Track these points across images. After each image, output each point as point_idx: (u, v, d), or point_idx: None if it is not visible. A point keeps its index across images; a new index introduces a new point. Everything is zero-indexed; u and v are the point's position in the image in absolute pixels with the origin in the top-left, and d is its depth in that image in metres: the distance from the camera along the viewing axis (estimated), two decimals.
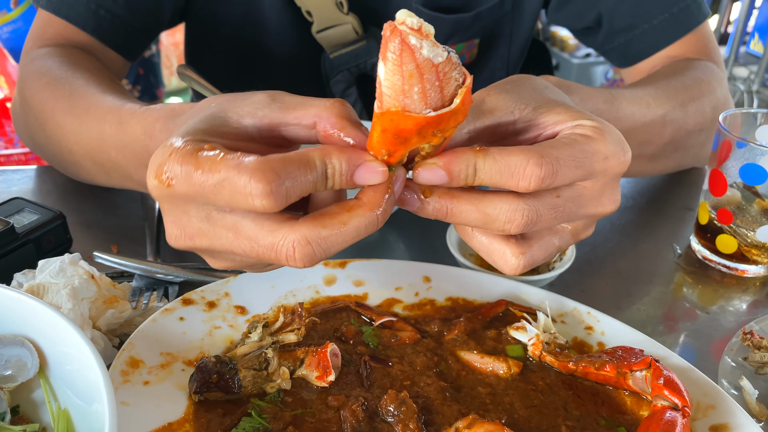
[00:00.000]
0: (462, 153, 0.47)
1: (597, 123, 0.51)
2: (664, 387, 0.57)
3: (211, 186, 0.44)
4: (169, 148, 0.47)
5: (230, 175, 0.44)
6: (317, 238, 0.46)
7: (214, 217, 0.47)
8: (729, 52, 4.67)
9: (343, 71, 1.11)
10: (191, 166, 0.45)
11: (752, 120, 0.85)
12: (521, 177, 0.47)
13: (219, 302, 0.68)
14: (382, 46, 0.41)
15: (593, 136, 0.50)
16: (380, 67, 0.42)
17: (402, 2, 1.10)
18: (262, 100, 0.51)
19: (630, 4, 1.06)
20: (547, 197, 0.49)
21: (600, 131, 0.50)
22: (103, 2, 0.95)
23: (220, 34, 1.16)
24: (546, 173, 0.47)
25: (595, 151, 0.50)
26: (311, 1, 1.05)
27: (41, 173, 1.01)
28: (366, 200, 0.47)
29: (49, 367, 0.55)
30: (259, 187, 0.43)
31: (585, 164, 0.49)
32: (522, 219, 0.49)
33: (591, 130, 0.50)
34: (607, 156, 0.50)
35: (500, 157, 0.47)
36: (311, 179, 0.45)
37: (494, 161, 0.47)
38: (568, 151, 0.48)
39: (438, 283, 0.74)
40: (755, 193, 0.81)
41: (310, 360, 0.60)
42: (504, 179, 0.47)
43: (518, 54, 1.25)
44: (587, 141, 0.50)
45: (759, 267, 0.84)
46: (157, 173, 0.47)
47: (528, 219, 0.49)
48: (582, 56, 4.18)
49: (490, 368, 0.64)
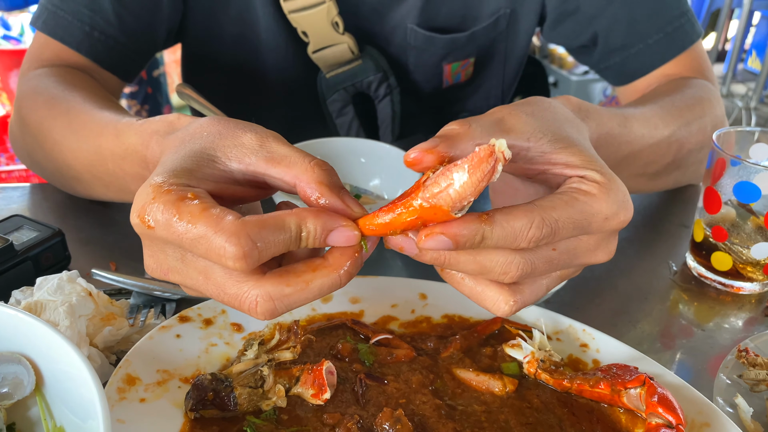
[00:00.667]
0: (470, 223, 0.47)
1: (604, 178, 0.52)
2: (659, 405, 0.57)
3: (189, 239, 0.46)
4: (153, 189, 0.48)
5: (208, 233, 0.46)
6: (280, 296, 0.48)
7: (189, 259, 0.49)
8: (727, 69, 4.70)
9: (340, 90, 1.12)
10: (172, 215, 0.47)
11: (746, 138, 0.86)
12: (522, 239, 0.48)
13: (215, 319, 0.68)
14: (472, 159, 0.44)
15: (597, 195, 0.51)
16: (460, 174, 0.44)
17: (396, 23, 1.12)
18: (251, 146, 0.53)
19: (625, 23, 1.07)
20: (544, 250, 0.51)
21: (605, 190, 0.51)
22: (96, 24, 0.97)
23: (216, 53, 1.17)
24: (545, 234, 0.49)
25: (595, 212, 0.51)
26: (307, 22, 1.06)
27: (40, 190, 1.02)
28: (331, 261, 0.50)
29: (45, 384, 0.55)
30: (233, 250, 0.45)
31: (584, 225, 0.50)
32: (517, 271, 0.50)
33: (596, 188, 0.51)
34: (607, 216, 0.51)
35: (506, 223, 0.48)
36: (284, 241, 0.47)
37: (501, 229, 0.48)
38: (568, 213, 0.50)
39: (434, 300, 0.74)
40: (749, 210, 0.81)
41: (306, 378, 0.61)
42: (507, 243, 0.49)
43: (514, 72, 1.26)
44: (589, 200, 0.51)
45: (754, 284, 0.84)
46: (139, 214, 0.49)
47: (523, 271, 0.50)
48: (581, 73, 4.21)
49: (485, 386, 0.64)
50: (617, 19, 1.08)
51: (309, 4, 1.04)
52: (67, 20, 0.97)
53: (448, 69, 1.18)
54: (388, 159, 0.97)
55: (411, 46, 1.14)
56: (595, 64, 1.16)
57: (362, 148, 0.99)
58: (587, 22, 1.10)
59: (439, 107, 1.28)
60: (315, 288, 0.49)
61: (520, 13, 1.15)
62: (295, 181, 0.51)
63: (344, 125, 1.17)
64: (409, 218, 0.47)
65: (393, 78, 1.13)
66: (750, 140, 0.86)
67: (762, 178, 0.77)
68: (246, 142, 0.53)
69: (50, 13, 0.98)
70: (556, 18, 1.14)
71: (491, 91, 1.27)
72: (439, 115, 1.29)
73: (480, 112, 1.38)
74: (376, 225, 0.49)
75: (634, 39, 1.08)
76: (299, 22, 1.06)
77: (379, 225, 0.49)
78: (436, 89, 1.22)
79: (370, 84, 1.12)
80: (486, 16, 1.14)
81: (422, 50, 1.14)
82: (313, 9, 1.04)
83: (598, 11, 1.08)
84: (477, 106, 1.29)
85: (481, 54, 1.19)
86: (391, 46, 1.15)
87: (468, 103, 1.29)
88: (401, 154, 0.94)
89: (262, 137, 0.53)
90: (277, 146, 0.53)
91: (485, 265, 0.50)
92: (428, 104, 1.26)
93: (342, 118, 1.16)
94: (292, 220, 0.48)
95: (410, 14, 1.10)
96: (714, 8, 4.69)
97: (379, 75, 1.11)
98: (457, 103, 1.29)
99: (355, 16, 1.09)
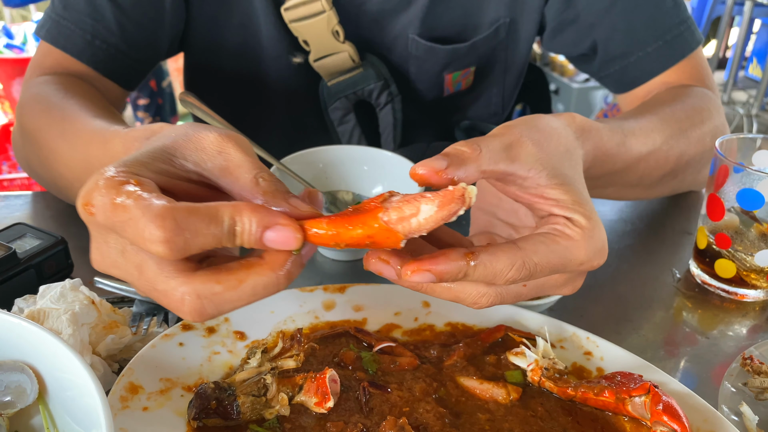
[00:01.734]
0: (455, 261, 0.49)
1: (589, 224, 0.54)
2: (663, 413, 0.57)
3: (120, 222, 0.44)
4: (100, 176, 0.47)
5: (135, 215, 0.43)
6: (209, 294, 0.45)
7: (128, 251, 0.47)
8: (728, 76, 4.70)
9: (341, 98, 1.13)
10: (109, 199, 0.45)
11: (749, 144, 0.86)
12: (500, 279, 0.51)
13: (218, 327, 0.68)
14: (444, 196, 0.45)
15: (578, 242, 0.53)
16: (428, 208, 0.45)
17: (398, 33, 1.12)
18: (210, 151, 0.50)
19: (624, 32, 1.08)
20: (514, 287, 0.55)
21: (587, 237, 0.53)
22: (98, 33, 0.98)
23: (218, 62, 1.18)
24: (523, 276, 0.51)
25: (572, 258, 0.53)
26: (307, 31, 1.07)
27: (42, 198, 1.02)
28: (269, 259, 0.47)
29: (48, 393, 0.55)
30: (156, 233, 0.43)
31: (559, 268, 0.53)
32: (486, 303, 0.54)
33: (579, 234, 0.53)
34: (582, 262, 0.54)
35: (489, 264, 0.50)
36: (216, 234, 0.44)
37: (483, 268, 0.50)
38: (548, 258, 0.52)
39: (437, 308, 0.74)
40: (753, 217, 0.81)
41: (309, 386, 0.60)
42: (486, 280, 0.51)
43: (515, 80, 1.27)
44: (570, 246, 0.53)
45: (758, 291, 0.84)
46: (84, 200, 0.46)
47: (491, 303, 0.54)
48: (581, 81, 4.21)
49: (489, 394, 0.64)
50: (616, 27, 1.08)
51: (309, 14, 1.05)
52: (69, 29, 0.97)
53: (449, 78, 1.19)
54: (390, 167, 0.97)
55: (412, 55, 1.14)
56: (595, 72, 1.17)
57: (364, 156, 0.99)
58: (586, 30, 1.11)
59: (441, 115, 1.28)
60: (249, 288, 0.46)
61: (520, 22, 1.16)
62: (242, 194, 0.50)
63: (346, 133, 1.17)
64: (360, 235, 0.46)
65: (394, 86, 1.13)
66: (753, 147, 0.86)
67: (765, 185, 0.77)
68: (207, 145, 0.51)
69: (53, 22, 0.98)
70: (556, 27, 1.15)
71: (492, 99, 1.28)
72: (440, 122, 1.29)
73: (481, 120, 1.38)
74: (321, 234, 0.47)
75: (633, 47, 1.08)
76: (300, 31, 1.07)
77: (326, 235, 0.47)
78: (437, 98, 1.22)
79: (371, 92, 1.12)
80: (486, 25, 1.14)
81: (423, 60, 1.15)
82: (313, 18, 1.05)
83: (598, 20, 1.09)
84: (478, 114, 1.30)
85: (481, 63, 1.19)
86: (393, 55, 1.15)
87: (469, 111, 1.30)
88: (403, 161, 0.94)
89: (222, 141, 0.51)
90: (235, 153, 0.50)
91: (458, 295, 0.54)
92: (429, 112, 1.26)
93: (344, 126, 1.16)
94: (226, 212, 0.45)
95: (411, 24, 1.11)
96: (714, 16, 4.70)
97: (380, 83, 1.11)
98: (458, 111, 1.29)
99: (357, 26, 1.10)
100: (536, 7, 1.14)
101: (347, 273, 0.88)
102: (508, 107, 1.32)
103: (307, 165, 0.96)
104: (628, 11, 1.07)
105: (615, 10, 1.07)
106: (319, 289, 0.74)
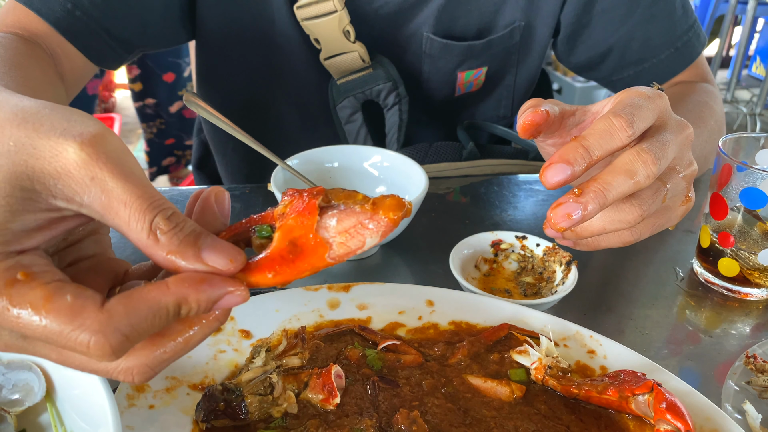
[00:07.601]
0: (569, 149, 0.55)
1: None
2: (667, 411, 0.57)
3: (38, 333, 0.37)
4: None
5: (64, 330, 0.37)
6: (158, 362, 0.42)
7: (37, 344, 0.41)
8: (731, 75, 4.69)
9: (349, 97, 1.13)
10: (4, 308, 0.37)
11: (753, 143, 0.86)
12: (617, 130, 0.55)
13: (224, 326, 0.68)
14: (386, 226, 0.43)
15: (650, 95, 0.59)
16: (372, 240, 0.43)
17: (412, 32, 1.13)
18: (78, 177, 0.38)
19: (641, 41, 1.12)
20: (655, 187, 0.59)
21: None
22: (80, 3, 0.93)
23: (231, 59, 1.18)
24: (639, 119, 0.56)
25: (663, 107, 0.59)
26: (318, 30, 1.07)
27: None
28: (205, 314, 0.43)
29: (55, 391, 0.55)
30: (101, 350, 0.37)
31: (656, 113, 0.58)
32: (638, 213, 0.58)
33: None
34: (676, 124, 0.60)
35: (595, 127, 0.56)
36: (160, 324, 0.40)
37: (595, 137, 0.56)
38: (637, 102, 0.58)
39: (441, 306, 0.74)
40: (756, 216, 0.81)
41: (315, 383, 0.61)
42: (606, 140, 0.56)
43: (525, 85, 1.28)
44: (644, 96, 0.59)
45: (762, 290, 0.84)
46: None
47: (640, 214, 0.58)
48: (584, 80, 4.21)
49: (493, 392, 0.64)
50: (633, 36, 1.12)
51: (320, 13, 1.05)
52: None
53: (461, 77, 1.19)
54: (394, 166, 0.98)
55: (426, 53, 1.15)
56: (605, 76, 1.20)
57: (369, 155, 1.00)
58: (602, 37, 1.14)
59: (448, 116, 1.29)
60: (197, 339, 0.42)
61: (535, 26, 1.17)
62: (138, 246, 0.40)
63: (353, 132, 1.18)
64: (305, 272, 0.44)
65: (402, 88, 1.14)
66: (756, 146, 0.86)
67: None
68: (70, 167, 0.38)
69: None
70: (571, 33, 1.16)
71: (501, 101, 1.29)
72: (446, 123, 1.30)
73: (489, 120, 1.39)
74: (266, 283, 0.44)
75: (647, 54, 1.13)
76: (312, 29, 1.07)
77: (271, 282, 0.43)
78: (448, 97, 1.23)
79: (379, 92, 1.13)
80: (501, 27, 1.15)
81: (438, 58, 1.15)
82: (325, 18, 1.05)
83: (614, 28, 1.12)
84: (485, 116, 1.30)
85: (494, 64, 1.20)
86: (406, 53, 1.16)
87: (476, 112, 1.30)
88: (407, 161, 0.95)
89: (90, 162, 0.38)
90: (112, 180, 0.38)
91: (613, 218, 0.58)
92: (437, 113, 1.27)
93: (350, 125, 1.17)
94: (169, 301, 0.39)
95: (426, 23, 1.11)
96: (718, 14, 4.69)
97: (388, 84, 1.11)
98: (466, 111, 1.30)
99: (371, 26, 1.10)
100: (553, 12, 1.15)
101: (352, 272, 0.88)
102: (516, 110, 1.33)
103: (311, 165, 0.97)
104: (645, 21, 1.10)
105: (632, 21, 1.10)
106: (324, 287, 0.74)
